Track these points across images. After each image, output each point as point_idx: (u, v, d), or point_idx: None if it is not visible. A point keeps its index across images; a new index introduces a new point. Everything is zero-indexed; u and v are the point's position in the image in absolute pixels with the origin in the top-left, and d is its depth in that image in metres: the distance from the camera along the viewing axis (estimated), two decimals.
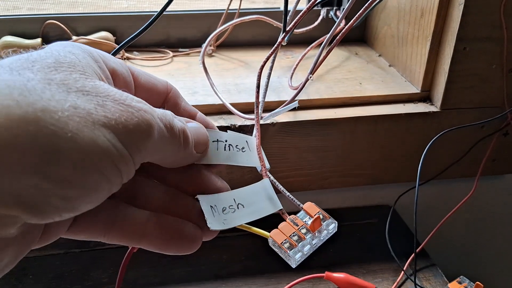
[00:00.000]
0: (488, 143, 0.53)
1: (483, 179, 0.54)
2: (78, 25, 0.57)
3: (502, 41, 0.47)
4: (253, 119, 0.43)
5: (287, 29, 0.43)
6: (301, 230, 0.28)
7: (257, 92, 0.38)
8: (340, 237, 0.29)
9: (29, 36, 0.55)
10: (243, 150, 0.30)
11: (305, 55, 0.56)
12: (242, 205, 0.27)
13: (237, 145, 0.29)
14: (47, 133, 0.16)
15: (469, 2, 0.44)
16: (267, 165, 0.31)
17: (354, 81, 0.53)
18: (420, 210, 0.48)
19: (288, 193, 0.31)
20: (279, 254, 0.28)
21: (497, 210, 0.67)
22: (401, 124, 0.50)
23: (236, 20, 0.52)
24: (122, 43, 0.41)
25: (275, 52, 0.42)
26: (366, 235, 0.55)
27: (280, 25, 0.52)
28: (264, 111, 0.45)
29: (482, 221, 0.68)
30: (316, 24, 0.59)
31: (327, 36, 0.47)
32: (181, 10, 0.60)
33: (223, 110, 0.47)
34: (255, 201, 0.28)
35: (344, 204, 0.59)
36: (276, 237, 0.28)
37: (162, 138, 0.21)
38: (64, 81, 0.18)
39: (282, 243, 0.27)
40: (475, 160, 0.53)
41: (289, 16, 0.49)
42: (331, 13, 0.59)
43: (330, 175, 0.52)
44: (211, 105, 0.47)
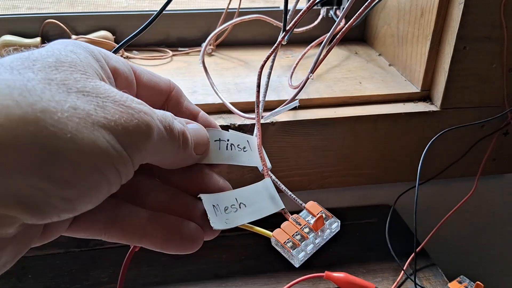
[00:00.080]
0: (488, 142, 0.53)
1: (483, 178, 0.54)
2: (78, 24, 0.57)
3: (502, 40, 0.47)
4: (253, 118, 0.43)
5: (287, 28, 0.43)
6: (304, 229, 0.28)
7: (258, 91, 0.38)
8: (340, 237, 0.29)
9: (29, 35, 0.55)
10: (245, 149, 0.30)
11: (305, 54, 0.56)
12: (244, 205, 0.27)
13: (238, 145, 0.29)
14: (47, 133, 0.16)
15: (469, 2, 0.45)
16: (269, 164, 0.31)
17: (354, 81, 0.53)
18: (420, 210, 0.48)
19: (290, 193, 0.31)
20: (282, 253, 0.28)
21: (497, 210, 0.67)
22: (401, 123, 0.50)
23: (236, 20, 0.52)
24: (122, 42, 0.41)
25: (275, 52, 0.42)
26: (366, 234, 0.55)
27: (280, 24, 0.52)
28: (264, 110, 0.45)
29: (483, 220, 0.68)
30: (316, 23, 0.59)
31: (327, 35, 0.47)
32: (180, 9, 0.60)
33: (222, 110, 0.47)
34: (257, 201, 0.28)
35: (344, 203, 0.59)
36: (278, 236, 0.28)
37: (162, 140, 0.21)
38: (65, 81, 0.18)
39: (285, 242, 0.27)
40: (475, 160, 0.53)
41: (289, 15, 0.49)
42: (331, 12, 0.59)
43: (330, 175, 0.52)
44: (210, 104, 0.47)
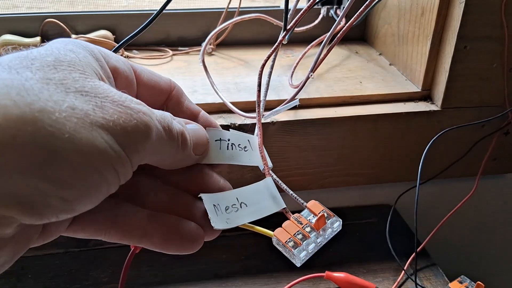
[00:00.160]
0: (489, 142, 0.53)
1: (484, 178, 0.54)
2: (78, 23, 0.57)
3: (503, 40, 0.47)
4: (253, 117, 0.43)
5: (288, 27, 0.43)
6: (306, 229, 0.28)
7: (258, 91, 0.38)
8: (340, 237, 0.29)
9: (28, 35, 0.55)
10: (246, 149, 0.30)
11: (305, 53, 0.56)
12: (245, 204, 0.27)
13: (239, 144, 0.29)
14: (45, 134, 0.16)
15: (470, 1, 0.44)
16: (270, 163, 0.31)
17: (355, 80, 0.53)
18: (421, 210, 0.48)
19: (292, 192, 0.31)
20: (284, 253, 0.28)
21: (498, 210, 0.67)
22: (401, 123, 0.50)
23: (236, 19, 0.52)
24: (122, 42, 0.41)
25: (275, 51, 0.42)
26: (367, 234, 0.55)
27: (280, 23, 0.52)
28: (264, 110, 0.44)
29: (483, 220, 0.68)
30: (316, 22, 0.59)
31: (327, 34, 0.47)
32: (180, 8, 0.59)
33: (223, 109, 0.47)
34: (258, 200, 0.28)
35: (344, 203, 0.59)
36: (280, 236, 0.27)
37: (160, 140, 0.21)
38: (63, 80, 0.18)
39: (287, 241, 0.27)
40: (475, 160, 0.53)
41: (289, 15, 0.49)
42: (331, 12, 0.59)
43: (330, 174, 0.51)
44: (211, 103, 0.47)
